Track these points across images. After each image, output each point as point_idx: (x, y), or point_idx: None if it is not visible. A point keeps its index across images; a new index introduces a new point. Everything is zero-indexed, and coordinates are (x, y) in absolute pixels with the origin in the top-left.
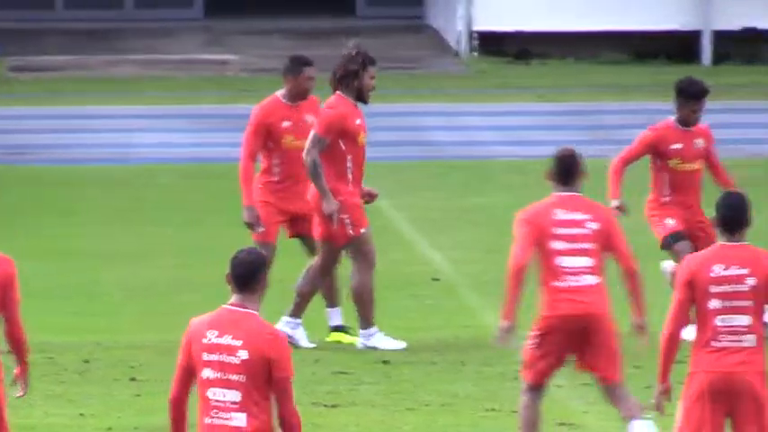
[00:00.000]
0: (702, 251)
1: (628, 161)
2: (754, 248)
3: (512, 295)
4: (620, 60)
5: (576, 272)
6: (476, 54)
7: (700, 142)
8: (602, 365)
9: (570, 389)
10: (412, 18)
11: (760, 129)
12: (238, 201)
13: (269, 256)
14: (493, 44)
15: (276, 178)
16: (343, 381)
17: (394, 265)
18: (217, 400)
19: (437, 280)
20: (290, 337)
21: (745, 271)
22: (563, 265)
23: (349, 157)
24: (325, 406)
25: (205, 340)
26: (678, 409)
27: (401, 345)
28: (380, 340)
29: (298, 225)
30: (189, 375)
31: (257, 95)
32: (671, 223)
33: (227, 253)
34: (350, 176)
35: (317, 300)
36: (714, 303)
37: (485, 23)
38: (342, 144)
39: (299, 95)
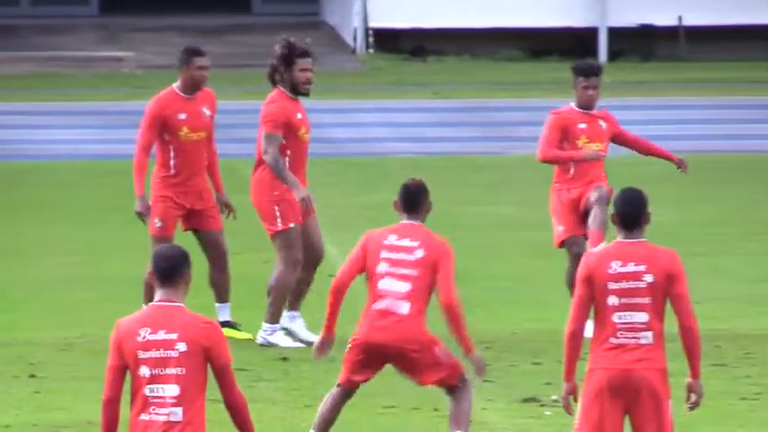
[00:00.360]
0: (600, 248)
1: (553, 146)
2: (652, 245)
3: (329, 312)
4: (516, 57)
5: (392, 295)
6: (372, 51)
7: (603, 124)
8: (426, 380)
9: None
10: (308, 15)
11: (656, 125)
12: (133, 197)
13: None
14: (389, 41)
15: (172, 171)
16: (242, 377)
17: None
18: (155, 396)
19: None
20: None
21: (642, 268)
22: (381, 287)
23: (288, 152)
24: None
25: (139, 338)
26: (577, 407)
27: (299, 345)
28: (280, 338)
29: (193, 219)
30: (121, 376)
31: (153, 92)
32: (560, 231)
33: (127, 250)
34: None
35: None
36: (612, 300)
37: (381, 20)
38: (282, 138)
39: (193, 86)
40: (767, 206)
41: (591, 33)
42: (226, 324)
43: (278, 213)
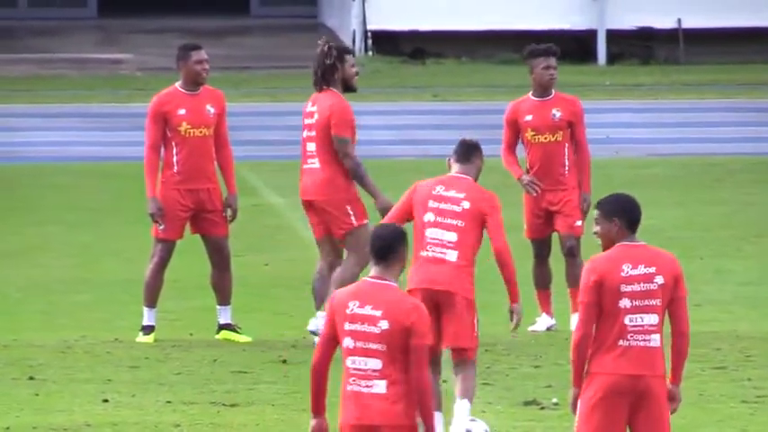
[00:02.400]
0: (606, 252)
1: (508, 146)
2: (653, 247)
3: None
4: (514, 60)
5: (440, 244)
6: (371, 53)
7: (557, 113)
8: (450, 337)
9: None
10: (306, 17)
11: (655, 128)
12: (133, 200)
13: (167, 254)
14: (388, 43)
15: (176, 169)
16: (241, 380)
17: (290, 265)
18: (357, 368)
19: None
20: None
21: (652, 270)
22: (429, 236)
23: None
24: (224, 405)
25: (348, 310)
26: (578, 410)
27: None
28: None
29: (200, 223)
30: (331, 344)
31: (151, 94)
32: (525, 227)
33: (122, 251)
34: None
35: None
36: (624, 303)
37: (379, 23)
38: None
39: (193, 81)
40: (766, 208)
41: (590, 36)
42: (226, 327)
43: (350, 211)
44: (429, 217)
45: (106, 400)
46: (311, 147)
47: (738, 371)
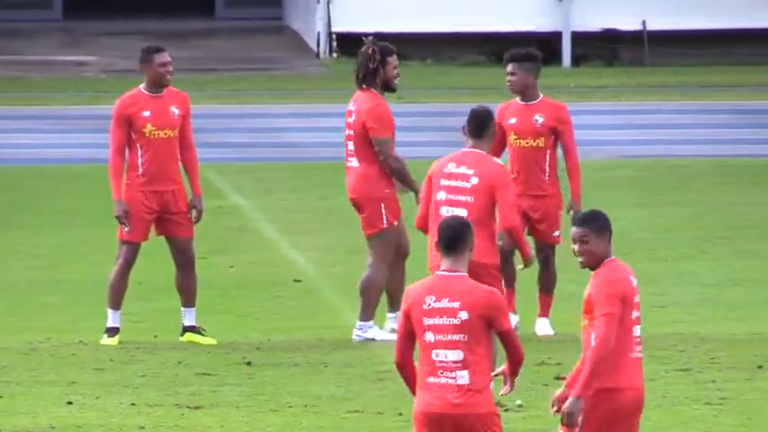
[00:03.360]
0: (619, 265)
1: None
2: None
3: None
4: (479, 62)
5: None
6: (335, 55)
7: (540, 118)
8: None
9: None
10: (271, 19)
11: (620, 130)
12: (100, 201)
13: (132, 256)
14: (352, 45)
15: (140, 171)
16: (206, 382)
17: (254, 266)
18: (441, 361)
19: (299, 281)
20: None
21: (636, 281)
22: (443, 215)
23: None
24: (189, 407)
25: (425, 306)
26: (580, 424)
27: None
28: (375, 333)
29: (165, 225)
30: (409, 341)
31: (116, 96)
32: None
33: (92, 254)
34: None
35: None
36: (635, 314)
37: (344, 25)
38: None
39: (157, 84)
40: (731, 210)
41: (554, 38)
42: (190, 329)
43: (383, 212)
44: (441, 195)
45: (70, 403)
46: (351, 146)
47: (703, 373)
